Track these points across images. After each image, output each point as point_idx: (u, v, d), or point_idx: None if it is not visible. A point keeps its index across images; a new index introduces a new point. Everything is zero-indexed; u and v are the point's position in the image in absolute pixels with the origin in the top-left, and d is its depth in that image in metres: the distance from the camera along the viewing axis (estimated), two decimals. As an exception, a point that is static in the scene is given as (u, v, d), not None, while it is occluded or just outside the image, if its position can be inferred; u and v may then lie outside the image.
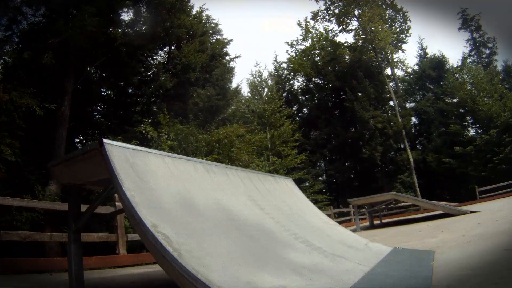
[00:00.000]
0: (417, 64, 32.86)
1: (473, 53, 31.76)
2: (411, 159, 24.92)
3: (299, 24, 31.39)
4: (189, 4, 16.64)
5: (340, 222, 12.06)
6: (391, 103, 28.64)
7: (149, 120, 13.91)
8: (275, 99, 21.92)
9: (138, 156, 2.24)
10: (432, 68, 30.47)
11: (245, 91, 30.99)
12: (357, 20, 27.82)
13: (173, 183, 2.37)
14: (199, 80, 15.87)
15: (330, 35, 30.20)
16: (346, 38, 70.98)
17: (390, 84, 29.47)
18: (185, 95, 14.96)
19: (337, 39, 32.17)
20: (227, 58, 18.41)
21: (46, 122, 9.08)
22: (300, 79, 32.48)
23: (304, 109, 32.44)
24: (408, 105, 31.91)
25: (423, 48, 32.95)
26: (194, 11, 17.46)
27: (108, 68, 12.59)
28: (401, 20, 28.98)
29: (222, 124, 15.38)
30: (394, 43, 28.20)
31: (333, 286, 1.91)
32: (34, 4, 9.62)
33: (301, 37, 31.70)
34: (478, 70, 26.67)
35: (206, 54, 16.50)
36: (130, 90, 15.21)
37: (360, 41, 28.51)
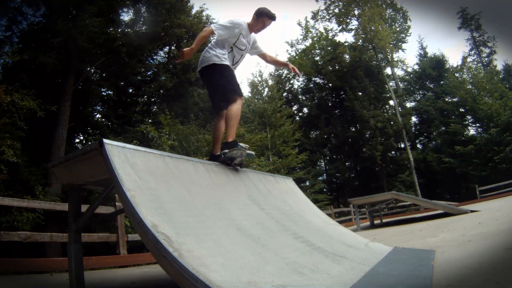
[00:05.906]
0: (417, 64, 32.89)
1: (473, 52, 31.75)
2: (411, 159, 24.92)
3: (299, 24, 31.50)
4: (189, 4, 16.67)
5: (340, 222, 12.06)
6: (391, 102, 28.69)
7: (150, 120, 13.92)
8: (276, 99, 21.89)
9: (138, 156, 2.24)
10: (432, 67, 30.47)
11: (246, 90, 30.92)
12: (357, 20, 27.83)
13: (174, 183, 2.37)
14: (199, 80, 15.88)
15: (330, 34, 30.27)
16: (346, 37, 70.92)
17: (390, 84, 29.48)
18: (185, 95, 14.98)
19: (337, 38, 32.26)
20: (227, 58, 18.38)
21: (46, 122, 9.09)
22: (300, 79, 32.54)
23: (304, 108, 32.48)
24: (408, 105, 31.94)
25: (423, 48, 32.98)
26: (194, 11, 17.49)
27: (108, 68, 12.62)
28: (401, 20, 29.03)
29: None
30: (394, 42, 28.21)
31: (333, 285, 1.91)
32: (34, 4, 9.63)
33: (301, 37, 31.81)
34: (478, 69, 26.66)
35: (206, 54, 16.50)
36: (130, 90, 15.24)
37: (360, 41, 28.53)
